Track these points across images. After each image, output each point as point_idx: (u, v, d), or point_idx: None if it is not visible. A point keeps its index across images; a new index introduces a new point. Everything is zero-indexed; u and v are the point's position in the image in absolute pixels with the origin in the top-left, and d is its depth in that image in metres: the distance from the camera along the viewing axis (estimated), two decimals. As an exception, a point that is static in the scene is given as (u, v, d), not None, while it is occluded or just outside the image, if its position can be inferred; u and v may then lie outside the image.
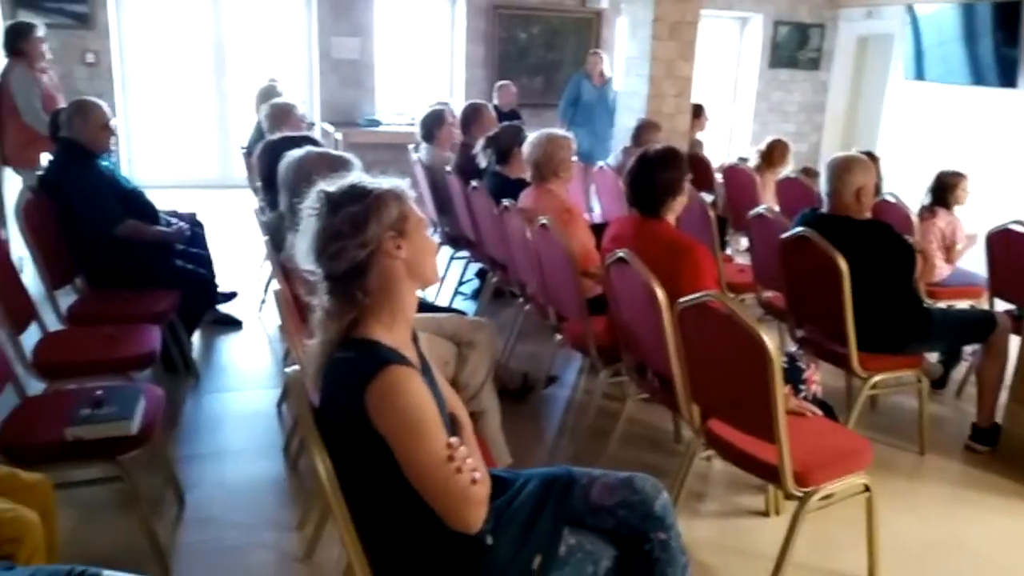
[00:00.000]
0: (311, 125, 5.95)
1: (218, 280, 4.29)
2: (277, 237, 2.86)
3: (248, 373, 4.01)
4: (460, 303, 4.87)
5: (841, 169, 3.16)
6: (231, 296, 4.68)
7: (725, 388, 2.38)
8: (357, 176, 1.65)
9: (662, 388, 2.78)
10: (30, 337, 2.97)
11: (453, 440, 1.51)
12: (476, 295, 4.99)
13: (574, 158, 3.72)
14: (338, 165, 2.54)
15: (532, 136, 3.67)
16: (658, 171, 2.86)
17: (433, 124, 4.95)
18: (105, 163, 3.71)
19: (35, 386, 2.79)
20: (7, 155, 4.85)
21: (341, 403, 1.54)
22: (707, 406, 2.55)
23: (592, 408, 3.29)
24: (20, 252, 3.68)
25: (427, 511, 1.51)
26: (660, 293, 2.47)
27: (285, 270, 2.65)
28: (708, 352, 2.39)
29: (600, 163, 5.42)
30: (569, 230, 3.17)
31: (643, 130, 5.15)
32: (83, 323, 3.29)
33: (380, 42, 8.31)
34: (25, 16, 6.31)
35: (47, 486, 2.08)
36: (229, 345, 4.33)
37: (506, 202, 3.62)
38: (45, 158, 4.57)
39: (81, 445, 2.28)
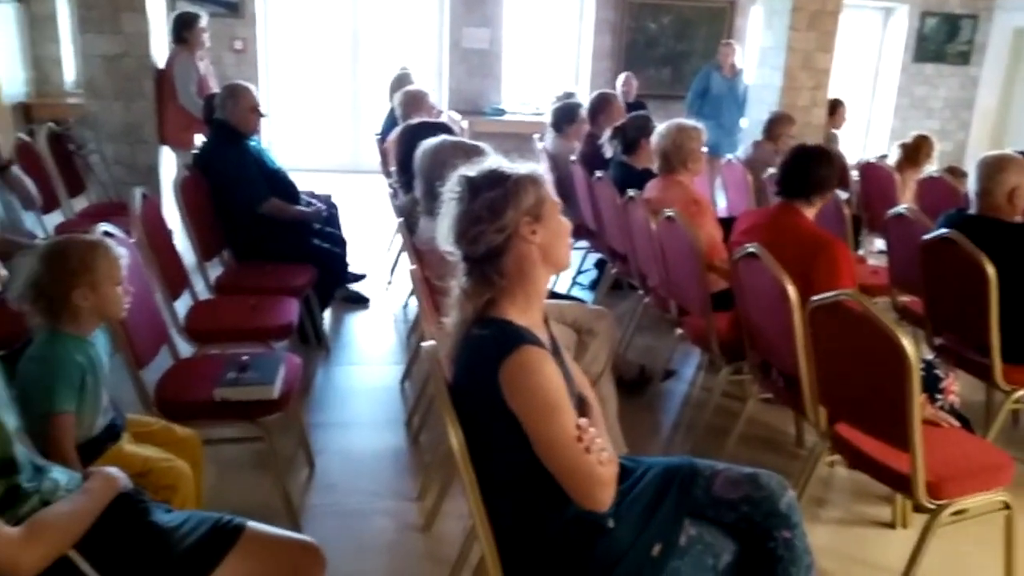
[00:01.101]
0: (439, 113, 6.10)
1: (349, 260, 4.49)
2: (410, 220, 2.97)
3: (374, 349, 4.18)
4: (577, 293, 4.89)
5: (994, 168, 2.98)
6: (361, 277, 4.87)
7: (857, 391, 2.30)
8: (496, 160, 1.70)
9: (787, 389, 2.71)
10: (182, 304, 3.21)
11: (583, 421, 1.55)
12: (593, 286, 5.00)
13: (704, 150, 3.66)
14: (472, 154, 2.60)
15: (662, 126, 3.63)
16: (814, 163, 2.82)
17: (566, 117, 4.98)
18: (254, 144, 3.94)
19: (185, 349, 3.02)
20: (166, 136, 5.22)
21: (475, 379, 1.60)
22: (835, 409, 2.47)
23: (711, 405, 3.25)
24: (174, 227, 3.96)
25: (554, 488, 1.55)
26: (791, 290, 2.42)
27: (417, 252, 2.75)
28: (840, 353, 2.31)
29: (728, 156, 5.30)
30: (696, 222, 3.13)
31: (776, 123, 5.00)
32: (229, 293, 3.51)
33: (509, 32, 8.41)
34: (183, 6, 6.74)
35: (197, 441, 2.26)
36: (357, 322, 4.53)
37: (631, 192, 3.61)
38: (199, 140, 4.90)
39: (227, 405, 2.45)
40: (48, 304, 1.91)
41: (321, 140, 8.73)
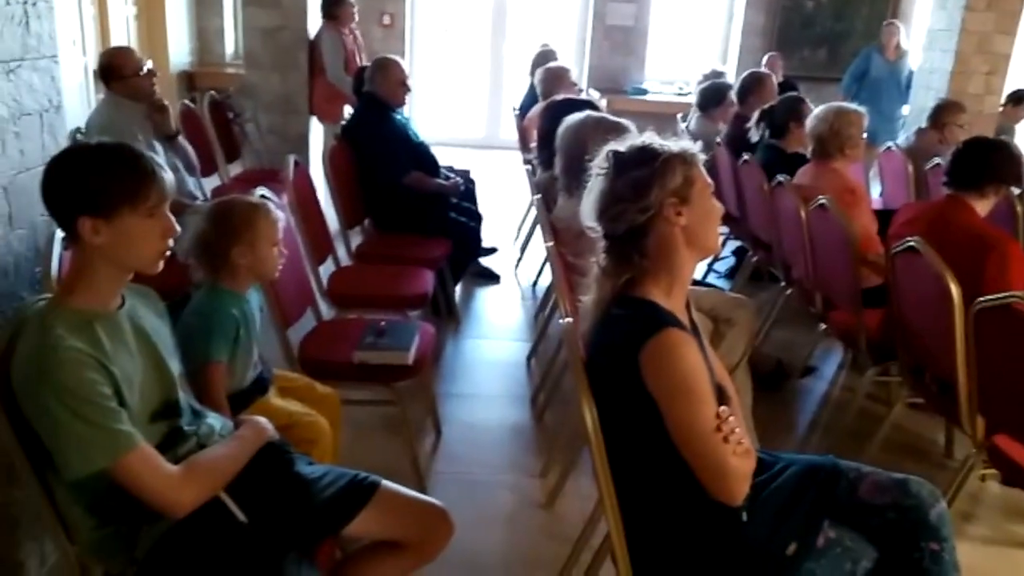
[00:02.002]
0: (579, 91, 6.05)
1: (482, 235, 4.53)
2: (548, 197, 2.96)
3: (502, 324, 4.22)
4: (713, 281, 4.75)
5: None
6: (492, 251, 4.92)
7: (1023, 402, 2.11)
8: (649, 136, 1.65)
9: (941, 395, 2.53)
10: (324, 270, 3.34)
11: (722, 410, 1.49)
12: (731, 274, 4.84)
13: (863, 136, 3.44)
14: (615, 130, 2.55)
15: (820, 109, 3.44)
16: (994, 154, 2.64)
17: (713, 98, 4.83)
18: (399, 117, 4.03)
19: (326, 312, 3.13)
20: (315, 108, 5.44)
21: (613, 359, 1.57)
22: (995, 420, 2.28)
23: (853, 407, 3.07)
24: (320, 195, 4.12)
25: (687, 476, 1.51)
26: (955, 289, 2.24)
27: (554, 229, 2.73)
28: (1007, 360, 2.13)
29: (887, 144, 4.98)
30: (850, 213, 2.95)
31: (944, 111, 4.64)
32: (368, 261, 3.63)
33: (656, 8, 8.21)
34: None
35: (337, 400, 2.35)
36: (487, 297, 4.58)
37: (780, 178, 3.45)
38: (346, 112, 5.08)
39: (364, 368, 2.54)
40: (210, 259, 2.03)
41: (459, 115, 8.86)
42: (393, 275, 3.34)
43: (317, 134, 5.63)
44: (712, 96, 4.88)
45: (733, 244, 4.92)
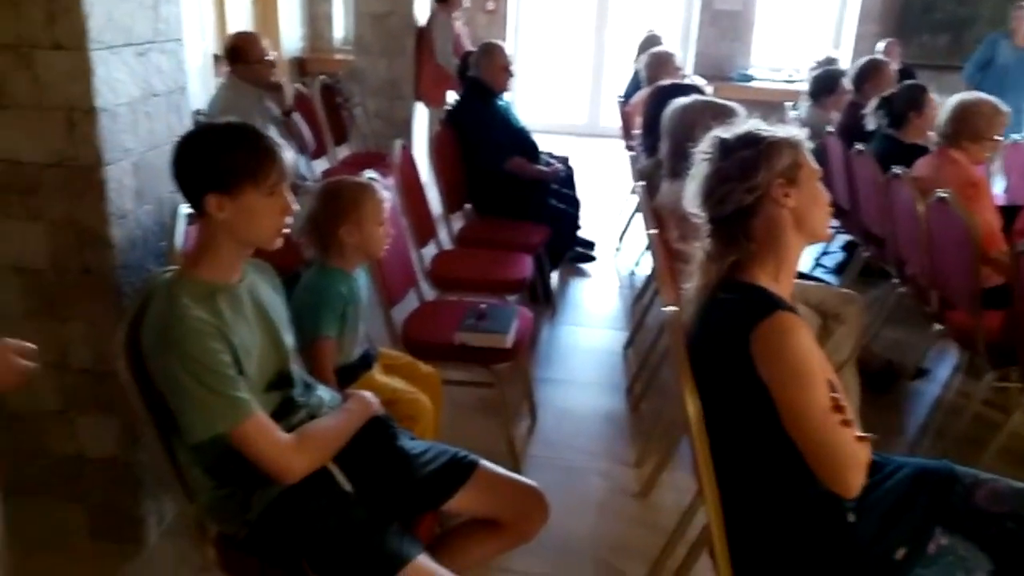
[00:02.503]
0: (684, 77, 5.92)
1: (580, 222, 4.52)
2: (651, 183, 2.92)
3: (599, 312, 4.20)
4: (820, 276, 4.59)
5: None
6: (591, 245, 4.89)
7: None
8: (754, 123, 1.62)
9: (1069, 403, 2.37)
10: (427, 252, 3.40)
11: (837, 395, 1.45)
12: (839, 269, 4.66)
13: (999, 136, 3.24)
14: (724, 114, 2.49)
15: (953, 98, 3.25)
16: None
17: (826, 86, 4.64)
18: (502, 102, 4.06)
19: (427, 294, 3.20)
20: (420, 92, 5.53)
21: (719, 344, 1.55)
22: None
23: (967, 413, 2.92)
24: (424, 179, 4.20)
25: (796, 466, 1.46)
26: (1091, 291, 2.09)
27: (657, 216, 2.70)
28: None
29: (1014, 137, 4.68)
30: (973, 207, 2.79)
31: (1079, 101, 4.33)
32: (469, 245, 3.68)
33: (766, -6, 7.96)
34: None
35: (437, 379, 2.40)
36: (583, 284, 4.57)
37: (896, 169, 3.30)
38: (451, 98, 5.14)
39: (464, 349, 2.58)
40: (320, 238, 2.10)
41: (560, 102, 8.83)
42: (492, 259, 3.38)
43: (422, 119, 5.72)
44: (825, 84, 4.70)
45: (842, 239, 4.74)
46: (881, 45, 6.60)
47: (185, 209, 2.12)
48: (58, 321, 2.05)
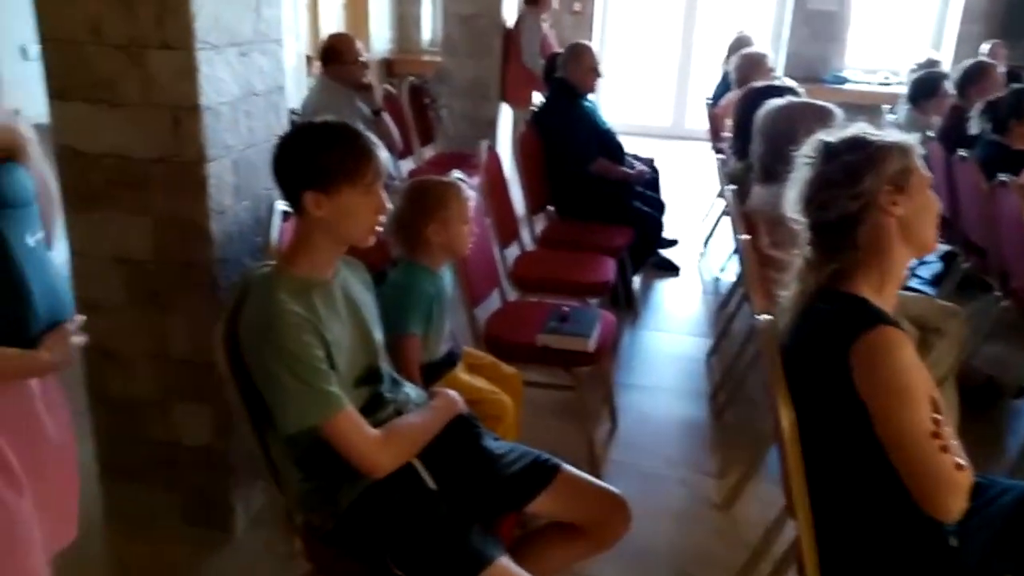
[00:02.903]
0: (775, 78, 5.77)
1: (665, 225, 4.45)
2: (742, 187, 2.85)
3: (681, 318, 4.13)
4: (916, 287, 4.40)
5: None
6: (673, 243, 4.82)
7: None
8: (861, 127, 1.56)
9: None
10: (509, 253, 3.40)
11: (939, 416, 1.38)
12: (937, 281, 4.45)
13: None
14: (822, 116, 2.42)
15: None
16: None
17: (927, 89, 4.45)
18: (588, 104, 4.03)
19: (509, 294, 3.20)
20: (506, 94, 5.55)
21: (816, 356, 1.49)
22: None
23: (1079, 435, 2.76)
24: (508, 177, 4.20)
25: (893, 489, 1.40)
26: None
27: (748, 220, 2.63)
28: None
29: None
30: (1090, 218, 2.63)
31: None
32: (551, 246, 3.67)
33: (863, -7, 7.69)
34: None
35: (519, 380, 2.40)
36: (666, 289, 4.50)
37: (1002, 177, 3.13)
38: (536, 99, 5.14)
39: (546, 351, 2.57)
40: (407, 236, 2.12)
41: (645, 103, 8.74)
42: (575, 262, 3.35)
43: (506, 120, 5.74)
44: (925, 86, 4.50)
45: (940, 248, 4.52)
46: (986, 47, 6.28)
47: (281, 206, 2.18)
48: (159, 312, 2.13)
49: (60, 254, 1.39)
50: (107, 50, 1.90)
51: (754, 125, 2.68)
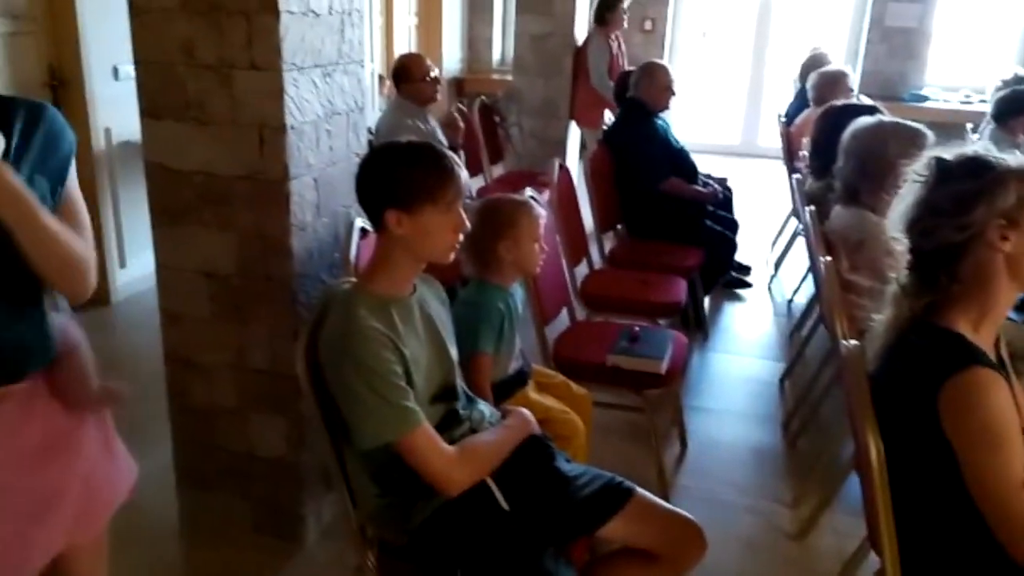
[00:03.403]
0: (854, 96, 5.64)
1: (737, 246, 4.37)
2: (821, 207, 2.78)
3: (753, 341, 4.04)
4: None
5: None
6: (747, 269, 4.73)
7: None
8: (982, 147, 1.46)
9: None
10: (578, 271, 3.39)
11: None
12: (1022, 306, 4.26)
13: None
14: (914, 138, 2.35)
15: None
16: None
17: (1014, 107, 4.27)
18: (660, 123, 4.00)
19: (578, 313, 3.18)
20: (575, 113, 5.55)
21: (904, 390, 1.43)
22: None
23: None
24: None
25: (981, 531, 1.34)
26: None
27: (827, 242, 2.56)
28: None
29: None
30: None
31: None
32: (620, 266, 3.64)
33: (943, 8, 7.46)
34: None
35: (589, 400, 2.38)
36: (737, 310, 4.42)
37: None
38: (606, 119, 5.13)
39: (616, 372, 2.54)
40: (479, 254, 2.13)
41: (714, 121, 8.64)
42: (645, 281, 3.32)
43: (574, 139, 5.74)
44: (1013, 104, 4.31)
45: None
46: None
47: (359, 223, 2.21)
48: (240, 324, 2.18)
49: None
50: (198, 71, 1.97)
51: (840, 145, 2.60)
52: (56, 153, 1.26)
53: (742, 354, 3.88)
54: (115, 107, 3.90)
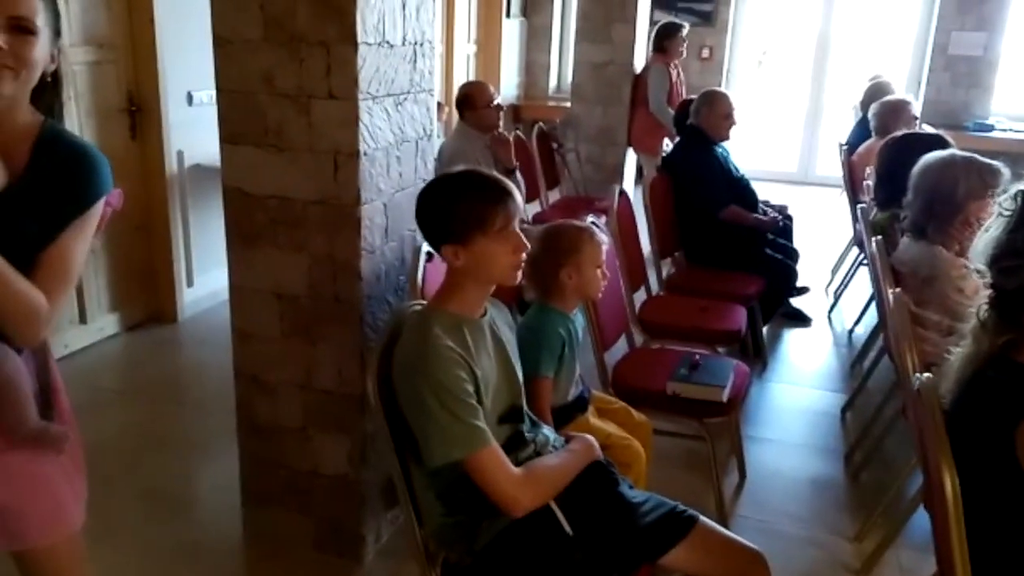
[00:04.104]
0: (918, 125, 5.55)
1: (797, 274, 4.32)
2: (888, 238, 2.75)
3: (813, 371, 3.98)
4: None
5: None
6: (805, 290, 4.68)
7: None
8: None
9: None
10: (637, 297, 3.39)
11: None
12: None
13: None
14: (988, 175, 2.32)
15: None
16: None
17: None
18: (720, 151, 4.00)
19: (635, 339, 3.17)
20: (633, 140, 5.57)
21: (982, 427, 1.41)
22: None
23: None
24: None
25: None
26: None
27: (895, 273, 2.53)
28: None
29: None
30: None
31: None
32: (679, 292, 3.63)
33: (1010, 37, 7.31)
34: (659, 16, 7.11)
35: (649, 427, 2.37)
36: (796, 340, 4.35)
37: None
38: (664, 146, 5.14)
39: (676, 400, 2.53)
40: (541, 279, 2.16)
41: (771, 148, 8.58)
42: (704, 308, 3.30)
43: (631, 165, 5.77)
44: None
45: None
46: None
47: (426, 247, 2.26)
48: (308, 344, 2.24)
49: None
50: (277, 99, 2.05)
51: (910, 178, 2.57)
52: (64, 202, 1.29)
53: (802, 384, 3.83)
54: (188, 131, 4.05)
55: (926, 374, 1.55)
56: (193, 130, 4.05)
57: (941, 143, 2.92)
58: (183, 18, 3.86)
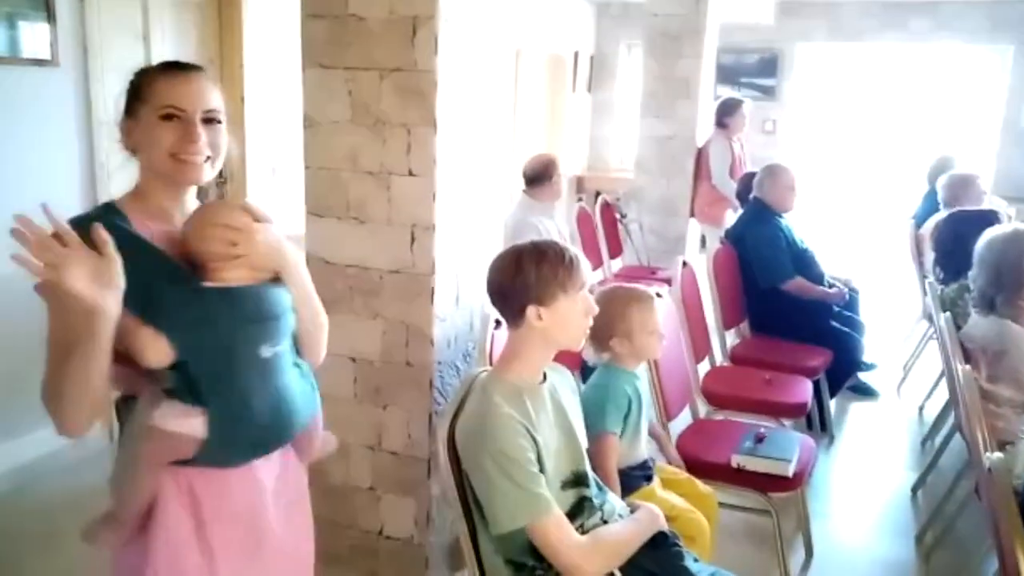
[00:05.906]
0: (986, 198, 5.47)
1: (864, 348, 4.26)
2: (956, 313, 2.73)
3: (881, 448, 3.89)
4: None
5: None
6: (871, 367, 4.59)
7: None
8: None
9: None
10: (700, 368, 3.40)
11: None
12: None
13: None
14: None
15: None
16: None
17: None
18: (784, 222, 4.02)
19: (699, 410, 3.18)
20: (696, 211, 5.63)
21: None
22: None
23: None
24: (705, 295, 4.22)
25: None
26: None
27: (964, 350, 2.50)
28: None
29: None
30: None
31: None
32: (743, 363, 3.62)
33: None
34: (722, 90, 7.23)
35: (714, 500, 2.36)
36: (864, 415, 4.27)
37: None
38: (727, 217, 5.19)
39: (741, 473, 2.52)
40: (597, 344, 2.21)
41: (835, 220, 8.52)
42: (769, 380, 3.28)
43: (694, 236, 5.81)
44: None
45: None
46: None
47: (494, 314, 2.34)
48: (379, 407, 2.33)
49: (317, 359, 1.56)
50: (360, 176, 2.19)
51: (976, 253, 2.56)
52: None
53: (870, 460, 3.74)
54: (270, 200, 4.28)
55: (998, 453, 1.54)
56: (274, 199, 4.28)
57: (994, 217, 2.91)
58: (269, 99, 4.13)
